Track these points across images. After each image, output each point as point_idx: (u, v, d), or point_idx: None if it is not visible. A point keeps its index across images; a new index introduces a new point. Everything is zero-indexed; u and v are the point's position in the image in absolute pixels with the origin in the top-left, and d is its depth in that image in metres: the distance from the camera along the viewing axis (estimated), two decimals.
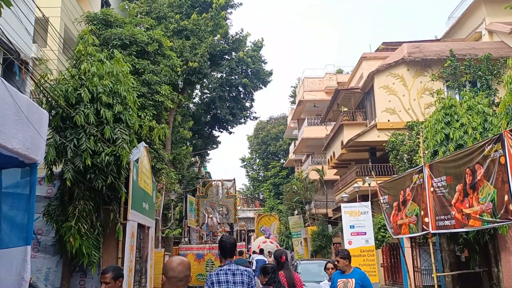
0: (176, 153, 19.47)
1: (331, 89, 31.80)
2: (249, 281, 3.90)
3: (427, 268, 16.88)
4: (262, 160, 50.59)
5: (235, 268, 3.94)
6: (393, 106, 20.29)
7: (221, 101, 27.44)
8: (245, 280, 3.90)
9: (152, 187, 10.99)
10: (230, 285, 3.84)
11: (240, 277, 3.88)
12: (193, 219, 25.12)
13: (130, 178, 8.48)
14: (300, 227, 30.18)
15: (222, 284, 3.86)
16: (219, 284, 3.87)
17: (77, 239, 7.15)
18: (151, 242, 10.79)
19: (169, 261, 2.71)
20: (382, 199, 14.00)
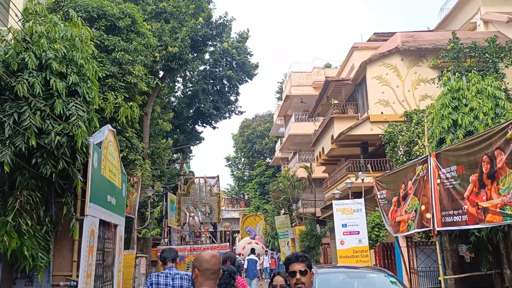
0: (154, 147, 17.96)
1: (319, 84, 30.60)
2: (188, 285, 4.13)
3: (424, 270, 15.73)
4: (248, 159, 49.22)
5: (175, 273, 4.27)
6: (386, 98, 19.14)
7: (205, 94, 26.02)
8: (184, 284, 4.19)
9: (121, 179, 9.53)
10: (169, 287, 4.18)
11: (179, 281, 4.17)
12: (174, 218, 23.63)
13: (89, 165, 7.02)
14: (287, 227, 28.88)
15: (161, 285, 4.20)
16: (158, 285, 4.23)
17: (14, 238, 5.67)
18: (119, 243, 9.32)
19: (202, 255, 2.75)
20: (379, 194, 12.76)
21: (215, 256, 2.71)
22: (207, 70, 26.68)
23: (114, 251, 9.05)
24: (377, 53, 19.54)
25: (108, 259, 8.57)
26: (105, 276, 8.33)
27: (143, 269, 16.05)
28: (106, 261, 8.39)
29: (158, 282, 4.35)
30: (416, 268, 16.38)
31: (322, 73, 31.46)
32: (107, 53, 11.14)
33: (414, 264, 16.49)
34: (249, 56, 27.32)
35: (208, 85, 26.25)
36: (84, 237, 6.84)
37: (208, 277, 2.62)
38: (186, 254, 18.28)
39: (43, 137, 6.25)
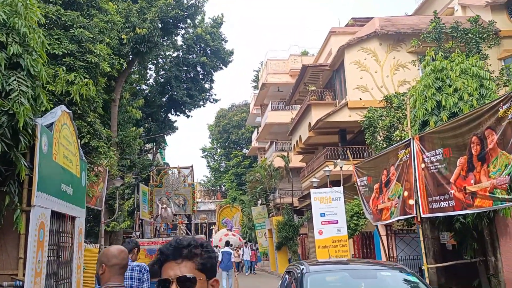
0: (123, 135, 16.97)
1: (296, 72, 29.98)
2: (140, 276, 4.20)
3: (403, 258, 15.38)
4: (224, 150, 48.41)
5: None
6: (365, 84, 18.65)
7: (178, 82, 25.02)
8: (135, 275, 4.22)
9: (80, 167, 8.64)
10: None
11: (130, 272, 4.13)
12: (147, 210, 22.70)
13: (36, 149, 6.14)
14: (264, 218, 28.33)
15: None
16: None
17: None
18: (78, 237, 8.45)
19: (108, 250, 2.66)
20: (360, 181, 12.23)
21: (123, 251, 2.66)
22: (180, 57, 25.69)
23: (72, 246, 8.18)
24: (355, 38, 19.00)
25: (65, 254, 7.70)
26: (61, 274, 7.47)
27: None
28: (62, 257, 7.53)
29: None
30: (395, 257, 16.04)
31: (299, 61, 30.83)
32: (65, 29, 10.15)
33: (394, 253, 16.14)
34: (223, 42, 26.45)
35: (181, 72, 25.28)
36: (31, 231, 5.98)
37: (116, 272, 2.57)
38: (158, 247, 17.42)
39: None
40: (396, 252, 15.87)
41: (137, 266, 4.36)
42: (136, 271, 4.32)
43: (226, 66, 26.69)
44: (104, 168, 13.68)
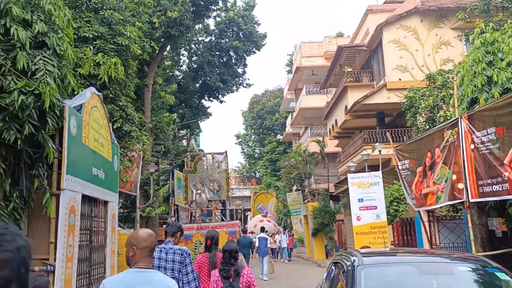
0: (157, 120, 16.91)
1: (331, 54, 29.12)
2: (182, 259, 4.28)
3: (447, 246, 14.65)
4: (258, 136, 48.13)
5: (169, 247, 4.38)
6: (404, 63, 17.74)
7: (210, 67, 24.79)
8: (176, 259, 4.30)
9: (112, 151, 8.51)
10: (162, 261, 4.32)
11: (172, 255, 4.32)
12: (181, 196, 22.76)
13: (64, 131, 5.98)
14: (299, 204, 27.92)
15: (155, 260, 4.29)
16: (153, 259, 4.18)
17: None
18: (111, 221, 8.36)
19: (139, 233, 2.74)
20: (401, 164, 11.59)
21: (152, 235, 2.74)
22: (212, 41, 25.40)
23: (105, 231, 8.09)
24: (394, 15, 18.06)
25: (98, 239, 7.61)
26: (94, 258, 7.38)
27: None
28: (95, 242, 7.43)
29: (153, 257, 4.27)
30: (438, 244, 15.31)
31: (334, 43, 29.91)
32: (94, 12, 9.99)
33: (437, 240, 15.40)
34: (256, 26, 25.96)
35: (214, 57, 25.02)
36: (62, 215, 5.85)
37: (146, 254, 2.66)
38: (193, 233, 17.40)
39: (3, 96, 5.19)
40: (439, 239, 15.14)
41: (178, 249, 4.38)
42: (178, 254, 4.33)
43: (259, 50, 26.23)
44: (138, 154, 13.64)
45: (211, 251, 5.30)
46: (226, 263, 4.55)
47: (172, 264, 4.30)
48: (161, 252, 4.38)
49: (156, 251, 4.36)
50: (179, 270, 4.28)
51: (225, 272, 4.49)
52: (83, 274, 6.81)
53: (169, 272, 4.27)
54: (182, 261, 4.28)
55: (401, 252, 5.64)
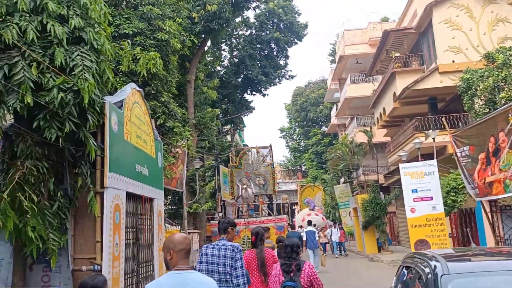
0: (200, 116, 16.83)
1: (376, 41, 28.03)
2: (233, 255, 4.33)
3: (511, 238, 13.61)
4: (302, 129, 47.47)
5: (222, 244, 4.46)
6: (458, 44, 16.64)
7: (252, 60, 24.50)
8: (228, 255, 4.35)
9: (155, 148, 8.38)
10: (215, 258, 4.39)
11: (223, 251, 4.38)
12: (228, 192, 22.69)
13: (105, 127, 5.84)
14: (347, 197, 27.18)
15: (208, 256, 4.46)
16: (207, 255, 4.48)
17: (9, 216, 4.60)
18: (157, 219, 8.24)
19: (174, 237, 2.84)
20: (460, 151, 10.78)
21: (187, 238, 2.88)
22: (253, 34, 25.08)
23: (152, 228, 7.98)
24: None
25: (144, 237, 7.49)
26: (142, 257, 7.27)
27: (196, 245, 15.19)
28: (142, 240, 7.32)
29: (206, 253, 4.51)
30: (503, 236, 14.26)
31: (378, 28, 28.78)
32: (133, 8, 9.91)
33: (500, 232, 14.35)
34: (297, 16, 25.38)
35: (255, 50, 24.70)
36: (106, 213, 5.72)
37: (183, 256, 2.77)
38: (241, 228, 17.23)
39: (43, 94, 5.10)
40: (503, 231, 14.08)
41: (230, 245, 4.43)
42: (229, 250, 4.38)
43: (300, 41, 25.65)
44: (182, 150, 13.57)
45: (257, 247, 5.40)
46: (288, 257, 4.55)
47: (224, 260, 4.35)
48: (213, 249, 4.46)
49: (209, 248, 4.53)
50: (231, 265, 4.34)
51: (286, 267, 4.50)
52: (131, 273, 6.70)
53: (221, 267, 4.37)
54: (233, 257, 4.33)
55: (496, 254, 4.08)
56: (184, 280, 2.69)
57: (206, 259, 4.46)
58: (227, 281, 4.35)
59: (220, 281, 4.31)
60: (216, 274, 4.34)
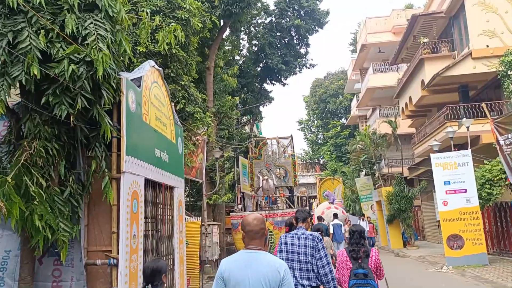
0: (220, 104, 16.22)
1: (400, 29, 27.01)
2: (314, 244, 4.26)
3: None
4: (321, 121, 46.53)
5: (301, 233, 4.38)
6: (492, 27, 15.65)
7: (272, 49, 23.75)
8: (309, 244, 4.28)
9: (175, 133, 7.79)
10: (295, 247, 4.33)
11: (304, 240, 4.31)
12: (247, 183, 22.09)
13: (122, 105, 5.26)
14: (369, 190, 26.35)
15: (288, 245, 4.40)
16: (286, 244, 4.43)
17: (15, 202, 4.04)
18: (178, 209, 7.66)
19: (245, 218, 2.96)
20: (503, 139, 9.95)
21: (256, 219, 2.92)
22: (272, 22, 24.30)
23: (172, 219, 7.40)
24: None
25: (164, 228, 6.92)
26: (161, 249, 6.70)
27: (216, 238, 14.65)
28: (161, 231, 6.75)
29: (286, 242, 4.46)
30: None
31: (403, 16, 27.72)
32: None
33: None
34: (318, 2, 24.48)
35: (275, 38, 23.93)
36: (123, 201, 5.15)
37: (252, 237, 2.85)
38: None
39: (52, 66, 4.52)
40: None
41: (310, 235, 4.36)
42: (309, 239, 4.31)
43: (322, 28, 24.79)
44: (202, 138, 13.00)
45: None
46: (356, 244, 4.60)
47: (304, 249, 4.30)
48: (293, 238, 4.39)
49: (288, 237, 4.48)
50: (312, 254, 4.28)
51: (354, 253, 4.57)
52: None
53: (302, 256, 4.31)
54: (315, 246, 4.27)
55: None
56: (252, 259, 2.78)
57: (286, 248, 4.41)
58: (308, 270, 4.29)
59: (301, 270, 4.31)
60: (296, 263, 4.33)
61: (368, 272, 4.48)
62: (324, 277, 4.20)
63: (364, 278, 4.46)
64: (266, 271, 2.71)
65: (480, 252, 13.14)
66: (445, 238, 13.51)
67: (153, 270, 3.60)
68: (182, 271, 7.66)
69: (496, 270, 11.86)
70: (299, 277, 4.26)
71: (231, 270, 2.77)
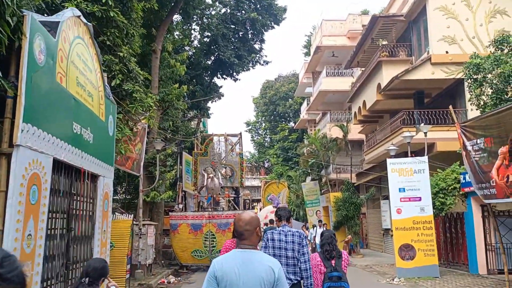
0: (165, 92, 14.68)
1: (355, 33, 26.76)
2: (300, 241, 4.41)
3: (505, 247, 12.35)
4: (269, 123, 45.78)
5: (288, 230, 4.50)
6: (452, 34, 15.35)
7: (225, 41, 22.47)
8: (296, 240, 4.41)
9: (106, 109, 6.30)
10: (282, 243, 4.41)
11: (291, 237, 4.43)
12: (190, 182, 20.59)
13: (22, 54, 3.76)
14: (315, 195, 25.68)
15: (275, 241, 4.46)
16: (273, 240, 4.48)
17: None
18: (103, 203, 6.15)
19: (239, 215, 2.86)
20: (471, 144, 9.28)
21: (241, 219, 2.80)
22: (227, 13, 23.03)
23: (93, 216, 5.89)
24: None
25: (80, 226, 5.41)
26: (74, 254, 5.19)
27: (151, 239, 13.07)
28: (76, 230, 5.24)
29: (273, 238, 4.51)
30: (494, 244, 13.04)
31: (358, 21, 27.46)
32: None
33: (491, 239, 13.13)
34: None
35: (229, 30, 22.67)
36: (15, 186, 3.65)
37: (244, 237, 2.76)
38: (204, 222, 15.24)
39: None
40: (495, 238, 12.86)
41: (296, 232, 4.48)
42: (296, 236, 4.41)
43: (278, 25, 23.87)
44: (142, 125, 11.45)
45: None
46: (329, 244, 4.69)
47: (292, 245, 4.38)
48: (280, 235, 4.44)
49: (275, 233, 4.51)
50: (298, 250, 4.37)
51: (328, 253, 4.64)
52: (55, 278, 4.62)
53: (290, 252, 4.39)
54: (300, 243, 4.39)
55: None
56: (246, 258, 2.66)
57: (273, 244, 4.47)
58: (295, 265, 4.40)
59: (288, 265, 4.39)
60: (284, 259, 4.40)
61: (342, 274, 4.57)
62: (304, 272, 4.31)
63: (337, 281, 4.54)
64: (260, 271, 2.63)
65: (432, 264, 12.57)
66: (397, 248, 12.84)
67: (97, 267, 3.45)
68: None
69: (448, 284, 11.27)
70: (286, 271, 4.35)
71: (224, 270, 2.65)
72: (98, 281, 3.46)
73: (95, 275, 3.42)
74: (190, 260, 15.25)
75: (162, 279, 12.34)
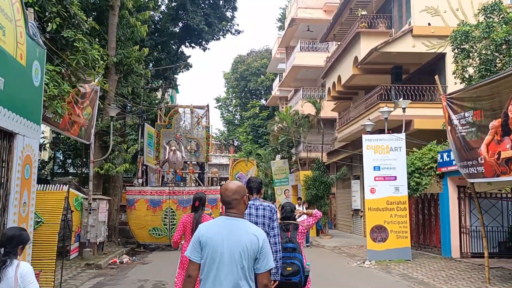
0: (124, 54, 13.22)
1: (332, 7, 25.64)
2: (271, 215, 4.33)
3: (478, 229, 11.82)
4: (240, 100, 44.53)
5: (259, 204, 4.35)
6: (435, 5, 14.52)
7: (194, 6, 20.95)
8: (267, 214, 4.32)
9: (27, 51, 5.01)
10: (252, 217, 4.26)
11: (262, 211, 4.32)
12: (152, 155, 19.30)
13: None
14: (285, 174, 24.85)
15: (245, 215, 4.05)
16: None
17: None
18: (22, 169, 4.92)
19: (226, 184, 2.87)
20: (457, 118, 8.42)
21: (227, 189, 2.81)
22: None
23: (8, 184, 4.67)
24: None
25: None
26: None
27: (103, 215, 11.83)
28: None
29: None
30: (467, 226, 12.50)
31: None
32: None
33: (466, 222, 12.58)
34: None
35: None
36: None
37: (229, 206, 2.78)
38: (163, 198, 14.08)
39: None
40: (470, 221, 12.32)
41: (268, 206, 4.38)
42: (267, 210, 4.32)
43: None
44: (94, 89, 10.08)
45: (198, 211, 5.41)
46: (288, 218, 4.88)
47: (262, 219, 4.31)
48: (250, 209, 4.29)
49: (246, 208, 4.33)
50: (268, 225, 4.34)
51: (284, 225, 4.80)
52: None
53: (260, 226, 4.22)
54: (271, 217, 4.33)
55: None
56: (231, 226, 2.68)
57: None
58: None
59: None
60: None
61: (297, 246, 4.68)
62: (273, 246, 4.22)
63: (292, 252, 4.61)
64: (245, 239, 2.62)
65: (404, 246, 11.94)
66: (368, 229, 12.12)
67: (12, 236, 3.26)
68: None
69: (422, 268, 10.63)
70: None
71: (208, 236, 2.64)
72: (15, 250, 3.25)
73: (12, 245, 3.22)
74: (148, 239, 14.13)
75: (114, 259, 11.20)
